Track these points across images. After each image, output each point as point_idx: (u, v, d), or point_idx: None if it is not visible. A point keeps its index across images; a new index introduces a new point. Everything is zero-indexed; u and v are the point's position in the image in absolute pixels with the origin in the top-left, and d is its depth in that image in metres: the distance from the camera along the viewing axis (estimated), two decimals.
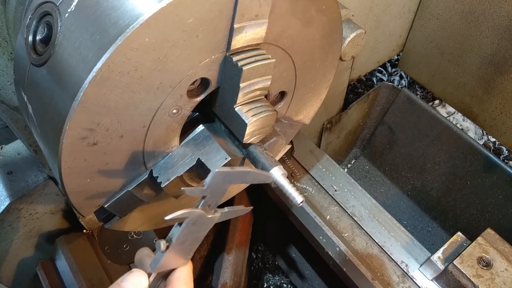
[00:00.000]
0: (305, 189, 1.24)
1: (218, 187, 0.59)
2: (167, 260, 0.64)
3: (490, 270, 0.95)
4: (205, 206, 0.61)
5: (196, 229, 0.63)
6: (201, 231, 0.64)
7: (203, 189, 0.58)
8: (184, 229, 0.61)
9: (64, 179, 0.63)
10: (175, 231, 0.62)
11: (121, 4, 0.54)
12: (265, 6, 0.62)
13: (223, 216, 0.64)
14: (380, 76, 2.29)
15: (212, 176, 0.57)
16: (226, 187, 0.60)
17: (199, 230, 0.64)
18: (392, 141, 2.03)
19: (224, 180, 0.59)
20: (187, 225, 0.61)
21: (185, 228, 0.61)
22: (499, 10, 1.46)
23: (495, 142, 2.24)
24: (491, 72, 1.61)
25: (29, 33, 0.62)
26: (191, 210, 0.60)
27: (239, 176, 0.60)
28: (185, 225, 0.61)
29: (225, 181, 0.59)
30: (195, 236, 0.64)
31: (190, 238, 0.64)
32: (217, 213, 0.63)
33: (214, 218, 0.63)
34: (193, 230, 0.63)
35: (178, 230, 0.62)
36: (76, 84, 0.54)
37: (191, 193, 0.57)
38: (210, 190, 0.59)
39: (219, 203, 0.63)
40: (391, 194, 2.07)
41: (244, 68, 0.63)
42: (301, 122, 0.97)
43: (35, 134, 0.69)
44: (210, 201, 0.61)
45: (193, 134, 0.74)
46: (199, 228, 0.63)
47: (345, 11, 1.10)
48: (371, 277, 1.05)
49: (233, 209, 0.66)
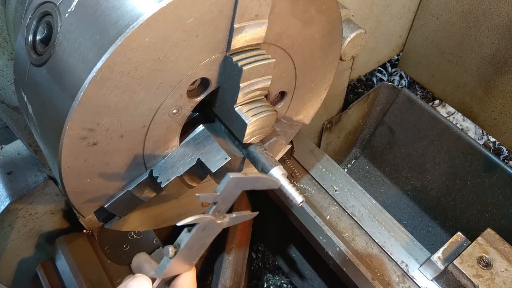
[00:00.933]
0: (305, 189, 1.24)
1: (230, 193, 0.59)
2: (173, 266, 0.64)
3: (490, 270, 0.95)
4: (215, 211, 0.61)
5: (204, 234, 0.63)
6: (209, 237, 0.64)
7: (217, 195, 0.58)
8: (193, 235, 0.61)
9: (64, 179, 0.63)
10: (184, 237, 0.62)
11: (121, 4, 0.54)
12: (265, 6, 0.62)
13: (231, 221, 0.64)
14: (380, 76, 2.29)
15: (226, 182, 0.57)
16: (237, 193, 0.60)
17: (207, 236, 0.63)
18: (392, 141, 2.03)
19: (236, 186, 0.59)
20: (197, 231, 0.61)
21: (194, 234, 0.61)
22: (499, 10, 1.46)
23: (495, 142, 2.24)
24: (491, 72, 1.61)
25: (29, 33, 0.62)
26: (202, 216, 0.59)
27: (252, 182, 0.60)
28: (195, 231, 0.60)
29: (237, 187, 0.59)
30: (203, 242, 0.64)
31: (198, 244, 0.64)
32: (225, 218, 0.63)
33: (222, 224, 0.63)
34: (202, 236, 0.63)
35: (187, 236, 0.61)
36: (76, 84, 0.54)
37: (204, 199, 0.57)
38: (222, 196, 0.59)
39: (228, 208, 0.63)
40: (391, 194, 2.07)
41: (244, 68, 0.63)
42: (301, 122, 0.97)
43: (35, 134, 0.69)
44: (221, 207, 0.61)
45: (193, 134, 0.74)
46: (208, 233, 0.63)
47: (345, 11, 1.10)
48: (371, 277, 1.05)
49: (240, 215, 0.66)
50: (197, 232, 0.61)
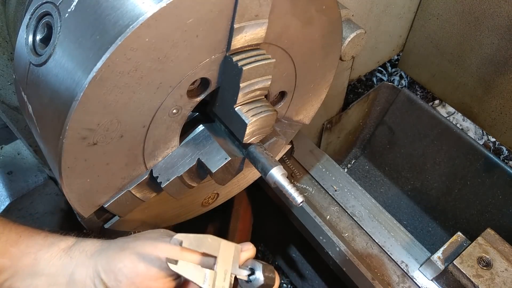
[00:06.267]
0: (305, 189, 1.24)
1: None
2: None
3: (490, 270, 0.95)
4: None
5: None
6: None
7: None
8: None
9: (64, 179, 0.63)
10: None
11: (121, 4, 0.54)
12: (265, 6, 0.61)
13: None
14: (380, 76, 2.28)
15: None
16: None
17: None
18: (392, 141, 2.03)
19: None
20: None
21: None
22: (499, 10, 1.46)
23: (495, 142, 2.24)
24: (491, 72, 1.61)
25: (29, 33, 0.63)
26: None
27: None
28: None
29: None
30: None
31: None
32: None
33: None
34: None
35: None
36: (76, 84, 0.54)
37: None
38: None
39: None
40: (391, 194, 2.07)
41: (244, 68, 0.63)
42: (301, 122, 0.97)
43: (35, 134, 0.69)
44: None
45: (193, 134, 0.74)
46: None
47: (345, 11, 1.10)
48: (371, 277, 1.05)
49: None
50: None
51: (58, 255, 0.67)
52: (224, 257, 0.64)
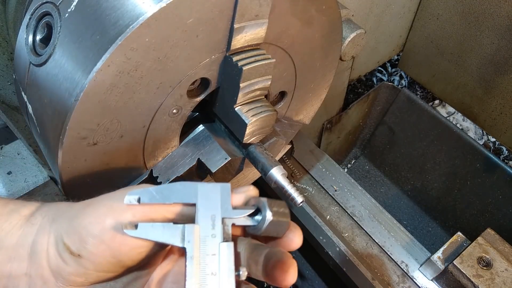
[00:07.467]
0: (305, 189, 1.24)
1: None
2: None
3: (490, 270, 0.95)
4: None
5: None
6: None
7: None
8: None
9: (64, 179, 0.63)
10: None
11: (121, 4, 0.54)
12: (265, 6, 0.62)
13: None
14: (380, 76, 2.28)
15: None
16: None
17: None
18: (392, 141, 2.03)
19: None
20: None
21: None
22: (499, 10, 1.46)
23: (495, 142, 2.24)
24: (491, 72, 1.61)
25: (29, 33, 0.62)
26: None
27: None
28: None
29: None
30: None
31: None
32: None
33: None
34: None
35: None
36: (76, 84, 0.54)
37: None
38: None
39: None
40: (391, 194, 2.07)
41: (244, 68, 0.63)
42: (301, 122, 0.97)
43: (35, 134, 0.69)
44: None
45: (193, 134, 0.74)
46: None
47: (345, 11, 1.10)
48: (371, 277, 1.05)
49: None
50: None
51: (19, 223, 0.54)
52: (207, 201, 0.49)
